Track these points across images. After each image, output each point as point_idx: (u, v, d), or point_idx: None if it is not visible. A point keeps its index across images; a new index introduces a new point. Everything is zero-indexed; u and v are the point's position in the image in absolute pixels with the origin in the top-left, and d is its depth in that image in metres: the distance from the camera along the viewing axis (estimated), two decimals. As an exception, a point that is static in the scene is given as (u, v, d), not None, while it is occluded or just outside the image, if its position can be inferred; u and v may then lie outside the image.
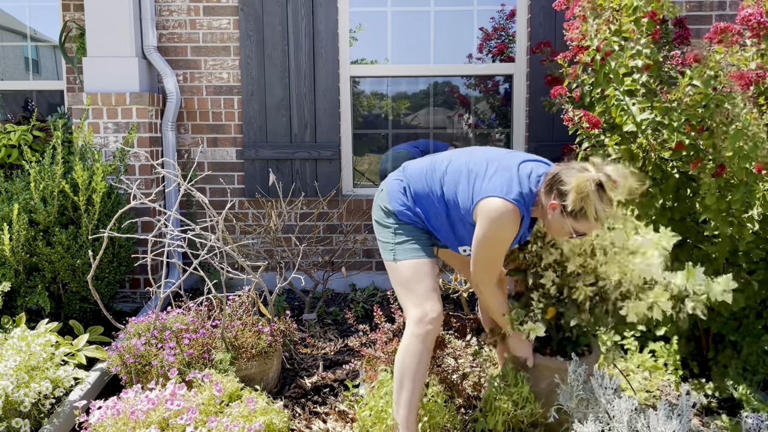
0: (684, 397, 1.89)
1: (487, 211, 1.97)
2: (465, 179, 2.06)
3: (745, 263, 2.48)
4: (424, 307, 2.06)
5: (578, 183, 1.84)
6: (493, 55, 4.22)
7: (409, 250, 2.12)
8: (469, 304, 3.42)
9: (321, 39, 3.99)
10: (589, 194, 1.84)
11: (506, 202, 1.94)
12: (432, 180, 2.13)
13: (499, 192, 1.96)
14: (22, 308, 3.11)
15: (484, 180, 2.01)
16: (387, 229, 2.17)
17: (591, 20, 2.48)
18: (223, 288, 2.90)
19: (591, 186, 1.84)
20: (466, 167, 2.08)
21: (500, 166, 2.03)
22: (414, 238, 2.13)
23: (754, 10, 2.29)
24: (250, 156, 4.05)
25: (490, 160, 2.07)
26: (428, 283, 2.09)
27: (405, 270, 2.11)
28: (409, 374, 2.06)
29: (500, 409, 2.12)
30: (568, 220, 1.92)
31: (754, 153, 2.11)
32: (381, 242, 2.20)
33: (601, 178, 1.86)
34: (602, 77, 2.49)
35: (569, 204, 1.87)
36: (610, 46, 2.42)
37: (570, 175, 1.90)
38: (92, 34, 3.81)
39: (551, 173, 1.97)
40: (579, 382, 2.03)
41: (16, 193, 3.18)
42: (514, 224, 1.98)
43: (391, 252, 2.14)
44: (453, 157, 2.16)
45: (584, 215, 1.88)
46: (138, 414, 1.98)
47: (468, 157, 2.12)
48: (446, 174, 2.11)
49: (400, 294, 2.14)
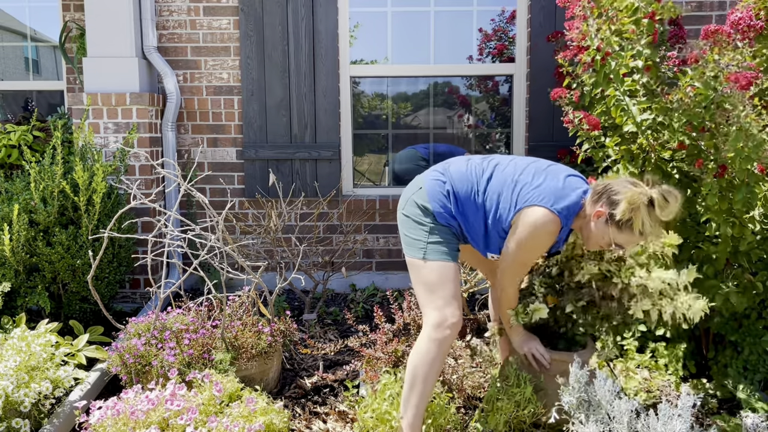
0: (684, 398, 1.89)
1: (530, 218, 1.99)
2: (510, 187, 2.07)
3: (746, 263, 2.48)
4: (444, 312, 2.06)
5: (632, 194, 1.90)
6: (493, 56, 4.22)
7: (439, 252, 2.10)
8: (469, 304, 3.42)
9: (321, 39, 3.98)
10: (640, 206, 1.89)
11: (550, 212, 1.98)
12: (477, 185, 2.13)
13: (545, 202, 1.99)
14: (22, 308, 3.11)
15: (530, 189, 2.03)
16: (421, 227, 2.13)
17: (591, 20, 2.48)
18: (223, 288, 2.89)
19: (644, 199, 1.90)
20: (512, 175, 2.10)
21: (547, 177, 2.06)
22: (446, 240, 2.13)
23: (744, 14, 2.30)
24: (250, 156, 4.05)
25: (538, 170, 2.09)
26: (452, 288, 2.08)
27: (432, 271, 2.09)
28: (421, 377, 2.06)
29: (502, 409, 2.12)
30: (612, 230, 1.97)
31: (755, 154, 2.11)
32: (410, 239, 2.15)
33: (654, 194, 1.90)
34: (602, 77, 2.49)
35: (618, 213, 1.92)
36: (610, 46, 2.42)
37: (623, 186, 1.96)
38: (92, 34, 3.81)
39: (602, 184, 2.01)
40: (581, 383, 2.03)
41: (16, 194, 3.18)
42: (552, 235, 2.02)
43: (422, 250, 2.11)
44: (497, 163, 2.17)
45: (630, 227, 1.93)
46: (138, 414, 1.98)
47: (514, 165, 2.14)
48: (492, 180, 2.12)
49: (422, 295, 2.12)
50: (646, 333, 3.04)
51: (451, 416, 2.25)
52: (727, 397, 2.60)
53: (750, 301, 2.46)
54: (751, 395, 2.44)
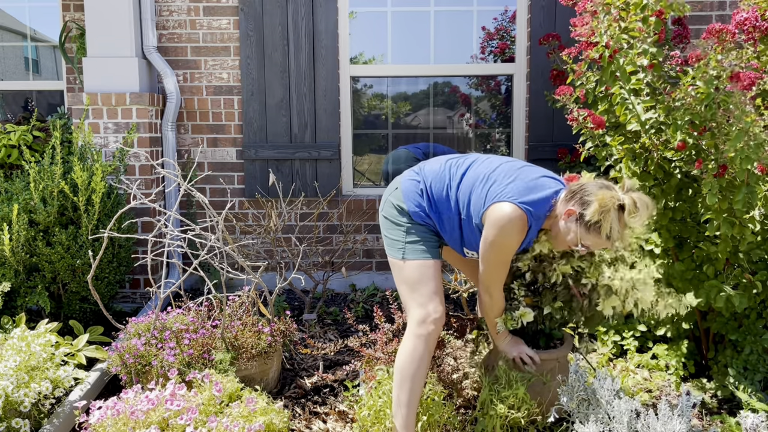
0: (684, 397, 1.89)
1: (497, 214, 1.98)
2: (481, 183, 2.07)
3: (746, 263, 2.48)
4: (427, 308, 2.07)
5: (603, 197, 1.91)
6: (495, 55, 4.22)
7: (418, 251, 2.13)
8: (469, 304, 3.42)
9: (321, 39, 3.98)
10: (610, 210, 1.90)
11: (516, 208, 1.97)
12: (450, 182, 2.14)
13: (512, 199, 1.98)
14: (22, 308, 3.11)
15: (501, 186, 2.03)
16: (398, 228, 2.17)
17: (602, 16, 2.47)
18: (223, 288, 2.89)
19: (615, 203, 1.90)
20: (485, 172, 2.10)
21: (519, 176, 2.06)
22: (424, 239, 2.15)
23: (749, 14, 2.29)
24: (250, 156, 4.05)
25: (511, 169, 2.09)
26: (433, 285, 2.10)
27: (412, 270, 2.12)
28: (409, 374, 2.06)
29: (496, 413, 2.12)
30: (580, 230, 1.97)
31: (755, 154, 2.11)
32: (389, 239, 2.19)
33: (626, 200, 1.91)
34: (609, 74, 2.49)
35: (588, 214, 1.93)
36: (619, 43, 2.41)
37: (597, 187, 1.96)
38: (92, 34, 3.81)
39: (577, 185, 2.01)
40: (580, 382, 2.03)
41: (16, 194, 3.18)
42: (519, 232, 2.01)
43: (400, 250, 2.14)
44: (472, 161, 2.18)
45: (597, 229, 1.93)
46: (138, 414, 1.98)
47: (488, 163, 2.14)
48: (465, 176, 2.13)
49: (404, 293, 2.15)
50: (646, 333, 3.04)
51: (449, 414, 2.24)
52: (727, 397, 2.60)
53: (750, 301, 2.46)
54: (752, 395, 2.44)
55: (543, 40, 3.49)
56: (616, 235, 1.92)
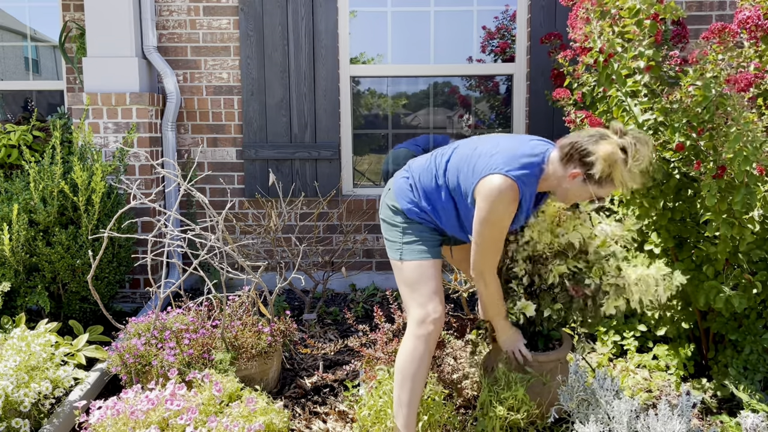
0: (684, 397, 1.89)
1: (486, 188, 1.96)
2: (466, 163, 2.05)
3: (746, 264, 2.48)
4: (426, 308, 2.07)
5: (606, 152, 1.89)
6: (496, 54, 4.22)
7: (416, 251, 2.12)
8: (469, 304, 3.42)
9: (321, 39, 3.98)
10: (617, 161, 1.89)
11: (505, 178, 1.94)
12: (437, 170, 2.13)
13: (498, 169, 1.96)
14: (21, 308, 3.11)
15: (486, 159, 2.01)
16: (395, 228, 2.17)
17: (595, 22, 2.48)
18: (223, 288, 2.90)
19: (619, 153, 1.89)
20: (468, 153, 2.08)
21: (503, 146, 2.03)
22: (422, 238, 2.14)
23: (752, 13, 2.29)
24: (250, 156, 4.05)
25: (496, 143, 2.07)
26: (432, 285, 2.09)
27: (411, 270, 2.11)
28: (410, 374, 2.06)
29: (495, 414, 2.12)
30: (593, 187, 1.97)
31: (754, 155, 2.11)
32: (388, 241, 2.19)
33: (626, 144, 1.90)
34: (605, 78, 2.49)
35: (596, 172, 1.92)
36: (613, 48, 2.41)
37: (593, 141, 1.94)
38: (92, 34, 3.81)
39: (567, 143, 1.98)
40: (580, 382, 2.03)
41: (16, 193, 3.18)
42: (511, 202, 1.97)
43: (398, 251, 2.14)
44: (455, 147, 2.16)
45: (610, 181, 1.94)
46: (138, 414, 1.98)
47: (470, 143, 2.13)
48: (450, 161, 2.11)
49: (404, 293, 2.14)
50: (646, 333, 3.04)
51: (449, 414, 2.25)
52: (727, 397, 2.60)
53: (750, 301, 2.46)
54: (752, 395, 2.44)
55: (545, 39, 3.49)
56: (628, 179, 1.91)
